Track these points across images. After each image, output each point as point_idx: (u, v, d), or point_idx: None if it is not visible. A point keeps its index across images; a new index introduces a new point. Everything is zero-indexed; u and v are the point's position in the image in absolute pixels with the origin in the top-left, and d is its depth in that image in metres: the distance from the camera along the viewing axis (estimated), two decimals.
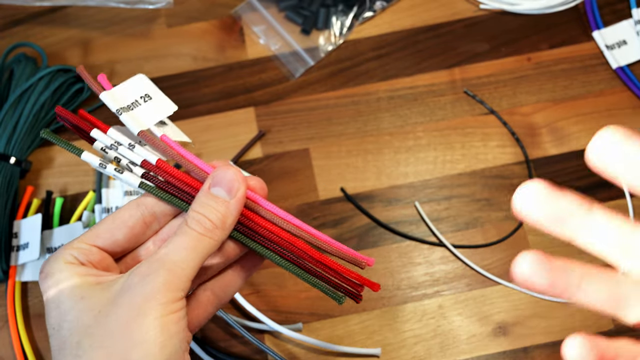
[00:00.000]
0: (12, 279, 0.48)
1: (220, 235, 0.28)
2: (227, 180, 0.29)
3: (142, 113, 0.31)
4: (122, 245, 0.30)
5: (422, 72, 0.55)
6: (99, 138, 0.30)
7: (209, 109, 0.54)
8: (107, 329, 0.26)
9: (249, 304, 0.46)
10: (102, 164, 0.30)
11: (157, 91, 0.32)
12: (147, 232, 0.31)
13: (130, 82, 0.32)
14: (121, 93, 0.31)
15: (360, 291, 0.31)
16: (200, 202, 0.28)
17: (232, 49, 0.57)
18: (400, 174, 0.52)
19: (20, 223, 0.49)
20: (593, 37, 0.56)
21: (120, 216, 0.30)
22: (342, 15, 0.57)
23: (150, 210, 0.30)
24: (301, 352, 0.46)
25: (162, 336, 0.26)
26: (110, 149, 0.30)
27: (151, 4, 0.56)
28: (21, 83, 0.52)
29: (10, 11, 0.58)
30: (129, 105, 0.31)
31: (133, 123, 0.30)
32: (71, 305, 0.27)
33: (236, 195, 0.29)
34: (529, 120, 0.53)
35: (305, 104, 0.54)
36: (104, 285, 0.27)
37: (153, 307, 0.26)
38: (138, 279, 0.27)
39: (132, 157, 0.30)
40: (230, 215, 0.29)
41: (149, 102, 0.31)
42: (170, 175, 0.30)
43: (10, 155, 0.50)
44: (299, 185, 0.51)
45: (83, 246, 0.29)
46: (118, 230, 0.30)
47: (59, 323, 0.27)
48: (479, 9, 0.57)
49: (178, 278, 0.27)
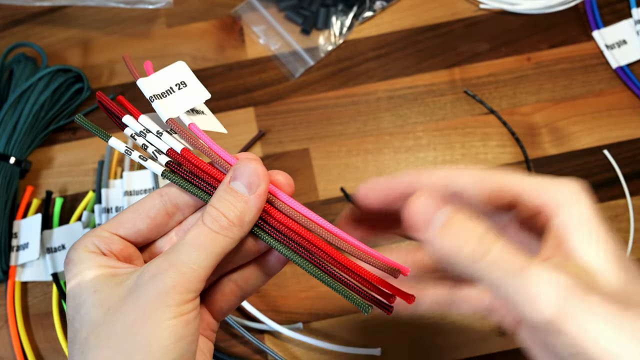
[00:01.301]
0: (11, 279, 0.48)
1: (237, 233, 0.27)
2: (247, 174, 0.27)
3: (175, 101, 0.30)
4: (144, 235, 0.29)
5: (422, 72, 0.55)
6: (129, 124, 0.30)
7: (209, 109, 0.54)
8: (114, 329, 0.25)
9: (249, 304, 0.46)
10: (128, 149, 0.29)
11: (193, 79, 0.31)
12: (170, 222, 0.30)
13: (169, 69, 0.31)
14: (158, 80, 0.31)
15: (391, 302, 0.28)
16: (218, 197, 0.27)
17: (232, 49, 0.57)
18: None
19: (20, 223, 0.49)
20: (593, 37, 0.56)
21: (143, 205, 0.29)
22: (342, 15, 0.57)
23: (172, 200, 0.29)
24: (301, 352, 0.46)
25: (169, 340, 0.25)
26: (139, 135, 0.30)
27: (151, 4, 0.56)
28: (21, 83, 0.52)
29: (10, 11, 0.58)
30: (162, 93, 0.30)
31: (164, 110, 0.30)
32: (85, 299, 0.26)
33: (256, 191, 0.27)
34: (528, 120, 0.53)
35: (305, 104, 0.54)
36: (118, 279, 0.27)
37: (160, 310, 0.25)
38: (148, 278, 0.26)
39: (159, 144, 0.29)
40: (249, 212, 0.27)
41: (184, 89, 0.31)
42: (194, 166, 0.29)
43: (10, 155, 0.50)
44: (299, 185, 0.51)
45: (105, 234, 0.28)
46: (140, 220, 0.29)
47: (73, 315, 0.27)
48: (479, 9, 0.57)
49: (188, 279, 0.26)
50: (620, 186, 0.50)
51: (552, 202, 0.24)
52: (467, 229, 0.23)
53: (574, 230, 0.24)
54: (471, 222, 0.23)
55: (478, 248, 0.23)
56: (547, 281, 0.22)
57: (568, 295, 0.21)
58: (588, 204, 0.24)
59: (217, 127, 0.32)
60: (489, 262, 0.22)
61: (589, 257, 0.23)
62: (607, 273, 0.23)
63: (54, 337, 0.47)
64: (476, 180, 0.26)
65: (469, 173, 0.27)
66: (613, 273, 0.23)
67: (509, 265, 0.22)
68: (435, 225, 0.23)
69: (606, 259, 0.23)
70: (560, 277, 0.22)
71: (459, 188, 0.27)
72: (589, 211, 0.24)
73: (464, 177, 0.27)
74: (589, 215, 0.24)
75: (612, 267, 0.23)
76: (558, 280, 0.22)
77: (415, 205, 0.24)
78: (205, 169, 0.29)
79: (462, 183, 0.27)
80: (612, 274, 0.23)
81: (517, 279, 0.22)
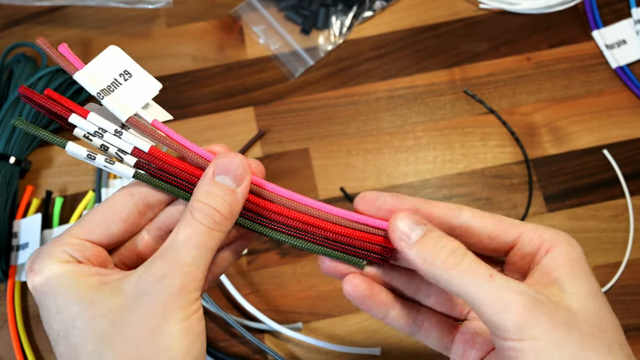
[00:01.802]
0: (11, 279, 0.48)
1: (228, 225, 0.27)
2: (233, 168, 0.27)
3: (125, 94, 0.28)
4: (116, 238, 0.28)
5: (422, 71, 0.55)
6: (79, 124, 0.27)
7: (209, 109, 0.54)
8: (129, 337, 0.25)
9: (248, 304, 0.46)
10: (91, 154, 0.27)
11: (135, 66, 0.29)
12: (141, 221, 0.29)
13: (103, 56, 0.28)
14: (97, 71, 0.28)
15: (387, 254, 0.29)
16: (206, 192, 0.27)
17: (232, 48, 0.57)
18: (400, 173, 0.52)
19: (20, 223, 0.49)
20: (593, 37, 0.56)
21: (113, 207, 0.28)
22: (341, 15, 0.57)
23: (144, 199, 0.28)
24: (301, 351, 0.46)
25: (187, 340, 0.25)
26: (94, 136, 0.28)
27: (151, 3, 0.56)
28: (21, 82, 0.52)
29: (10, 11, 0.58)
30: (109, 87, 0.28)
31: (119, 108, 0.27)
32: (79, 312, 0.25)
33: (243, 183, 0.28)
34: (528, 119, 0.53)
35: (305, 104, 0.54)
36: (111, 286, 0.26)
37: (174, 312, 0.25)
38: (152, 282, 0.25)
39: (120, 145, 0.28)
40: (237, 204, 0.27)
41: (130, 80, 0.28)
42: (166, 163, 0.28)
43: (9, 155, 0.50)
44: (298, 184, 0.51)
45: (76, 242, 0.27)
46: (112, 223, 0.28)
47: (66, 329, 0.25)
48: (479, 9, 0.57)
49: (193, 279, 0.26)
50: (619, 186, 0.51)
51: (547, 242, 0.27)
52: (441, 242, 0.26)
53: (561, 265, 0.26)
54: (445, 238, 0.26)
55: (450, 258, 0.25)
56: (515, 289, 0.24)
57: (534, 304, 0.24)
58: (579, 249, 0.27)
59: (165, 115, 0.30)
60: (460, 271, 0.25)
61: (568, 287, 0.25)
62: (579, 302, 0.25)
63: None
64: (482, 216, 0.28)
65: (472, 209, 0.29)
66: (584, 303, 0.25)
67: (479, 274, 0.25)
68: (412, 237, 0.26)
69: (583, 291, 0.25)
70: (526, 288, 0.24)
71: (465, 221, 0.28)
72: (579, 254, 0.26)
73: (470, 211, 0.29)
74: (579, 255, 0.26)
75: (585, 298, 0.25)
76: (525, 290, 0.24)
77: (397, 220, 0.27)
78: (178, 165, 0.28)
79: (468, 217, 0.28)
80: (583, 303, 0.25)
81: (486, 284, 0.24)
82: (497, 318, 0.24)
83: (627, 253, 0.48)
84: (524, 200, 0.50)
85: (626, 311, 0.47)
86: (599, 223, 0.49)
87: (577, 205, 0.50)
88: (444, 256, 0.25)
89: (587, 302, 0.25)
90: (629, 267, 0.48)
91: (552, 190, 0.51)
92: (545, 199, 0.50)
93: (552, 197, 0.50)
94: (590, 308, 0.25)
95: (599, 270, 0.48)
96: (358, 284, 0.29)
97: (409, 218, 0.27)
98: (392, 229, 0.27)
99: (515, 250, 0.28)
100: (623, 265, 0.48)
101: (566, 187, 0.51)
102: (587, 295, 0.25)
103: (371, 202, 0.29)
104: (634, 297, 0.47)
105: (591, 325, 0.24)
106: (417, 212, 0.28)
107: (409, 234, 0.27)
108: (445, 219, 0.28)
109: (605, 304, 0.26)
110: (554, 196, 0.50)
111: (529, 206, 0.50)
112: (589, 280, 0.26)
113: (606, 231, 0.49)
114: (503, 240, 0.28)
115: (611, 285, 0.47)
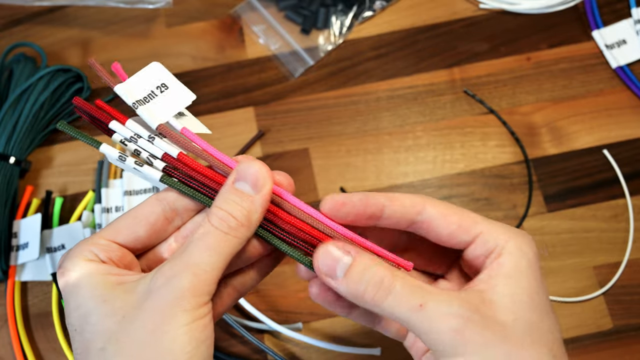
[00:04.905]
0: (11, 279, 0.48)
1: (245, 233, 0.27)
2: (251, 174, 0.27)
3: (160, 105, 0.30)
4: (143, 242, 0.29)
5: (422, 71, 0.55)
6: (117, 130, 0.29)
7: (209, 109, 0.54)
8: (133, 336, 0.25)
9: (248, 304, 0.46)
10: (122, 156, 0.29)
11: (174, 80, 0.31)
12: (169, 228, 0.29)
13: (145, 71, 0.30)
14: (137, 84, 0.30)
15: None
16: (224, 198, 0.27)
17: (232, 48, 0.57)
18: (399, 173, 0.52)
19: (19, 223, 0.49)
20: (593, 37, 0.56)
21: (141, 211, 0.29)
22: (341, 14, 0.57)
23: (171, 205, 0.29)
24: (301, 351, 0.46)
25: (190, 345, 0.25)
26: (129, 141, 0.29)
27: (151, 3, 0.56)
28: (21, 83, 0.52)
29: (10, 11, 0.58)
30: (145, 98, 0.30)
31: (150, 116, 0.29)
32: (93, 308, 0.26)
33: (262, 191, 0.27)
34: (528, 119, 0.53)
35: (305, 104, 0.54)
36: (127, 286, 0.26)
37: (179, 314, 0.25)
38: (162, 282, 0.25)
39: (152, 150, 0.29)
40: (255, 211, 0.27)
41: (166, 92, 0.30)
42: (193, 170, 0.29)
43: (9, 155, 0.50)
44: (298, 184, 0.51)
45: (102, 242, 0.28)
46: (139, 226, 0.28)
47: (81, 325, 0.26)
48: (479, 9, 0.57)
49: (203, 282, 0.26)
50: (619, 186, 0.51)
51: (500, 247, 0.27)
52: (366, 275, 0.26)
53: (504, 274, 0.26)
54: (372, 267, 0.26)
55: (379, 293, 0.26)
56: (446, 313, 0.25)
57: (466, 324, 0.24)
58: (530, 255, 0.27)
59: (202, 128, 0.31)
60: (390, 302, 0.26)
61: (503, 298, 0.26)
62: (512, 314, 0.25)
63: (53, 336, 0.47)
64: (447, 213, 0.28)
65: (439, 204, 0.29)
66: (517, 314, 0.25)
67: (410, 303, 0.25)
68: (338, 273, 0.26)
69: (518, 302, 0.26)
70: (457, 309, 0.25)
71: (427, 217, 0.28)
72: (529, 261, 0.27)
73: (435, 207, 0.28)
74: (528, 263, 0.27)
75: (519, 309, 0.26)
76: (457, 312, 0.25)
77: (320, 255, 0.27)
78: (204, 172, 0.29)
79: (432, 213, 0.28)
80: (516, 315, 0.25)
81: (418, 313, 0.25)
82: (431, 341, 0.25)
83: (627, 253, 0.48)
84: (523, 200, 0.50)
85: (626, 311, 0.47)
86: (598, 223, 0.49)
87: (577, 205, 0.50)
88: (371, 291, 0.26)
89: (520, 313, 0.25)
90: (628, 267, 0.48)
91: (552, 190, 0.51)
92: (545, 199, 0.50)
93: (552, 197, 0.50)
94: (523, 319, 0.25)
95: (598, 270, 0.48)
96: (324, 290, 0.30)
97: (329, 254, 0.27)
98: (317, 268, 0.27)
99: (469, 250, 0.28)
100: (623, 265, 0.48)
101: (566, 187, 0.51)
102: (521, 306, 0.26)
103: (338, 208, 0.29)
104: (633, 297, 0.47)
105: (521, 337, 0.25)
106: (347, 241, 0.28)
107: (334, 272, 0.27)
108: (408, 216, 0.29)
109: (543, 314, 0.26)
110: (553, 196, 0.50)
111: (529, 206, 0.50)
112: (530, 289, 0.26)
113: (606, 231, 0.49)
114: (461, 239, 0.28)
115: (611, 285, 0.47)
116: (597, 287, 0.47)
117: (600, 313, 0.47)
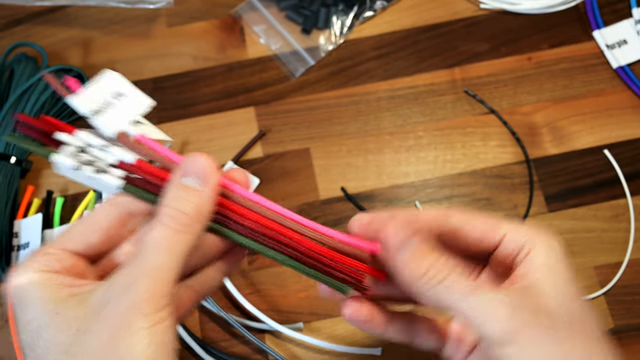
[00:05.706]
0: None
1: (197, 228, 0.27)
2: (197, 168, 0.27)
3: (116, 113, 0.29)
4: (97, 248, 0.28)
5: (423, 71, 0.55)
6: (66, 140, 0.28)
7: (210, 109, 0.54)
8: (90, 347, 0.24)
9: (249, 304, 0.46)
10: (78, 166, 0.28)
11: (131, 88, 0.30)
12: (124, 232, 0.28)
13: (100, 81, 0.30)
14: (91, 94, 0.29)
15: (362, 279, 0.28)
16: (172, 195, 0.26)
17: (233, 48, 0.57)
18: (400, 173, 0.52)
19: (20, 223, 0.49)
20: (593, 37, 0.56)
21: (95, 218, 0.28)
22: (342, 14, 0.57)
23: (126, 209, 0.28)
24: (302, 351, 0.46)
25: (149, 349, 0.24)
26: (82, 152, 0.29)
27: (151, 3, 0.56)
28: (22, 83, 0.52)
29: (10, 11, 0.58)
30: (100, 107, 0.29)
31: (106, 126, 0.29)
32: (46, 323, 0.25)
33: (209, 183, 0.27)
34: (529, 119, 0.53)
35: (306, 104, 0.54)
36: (80, 297, 0.25)
37: (137, 319, 0.24)
38: (117, 289, 0.25)
39: (106, 158, 0.29)
40: (205, 204, 0.27)
41: (123, 100, 0.30)
42: (152, 175, 0.28)
43: (10, 155, 0.50)
44: (299, 184, 0.51)
45: (52, 251, 0.27)
46: (92, 233, 0.27)
47: (34, 341, 0.25)
48: (479, 9, 0.57)
49: (161, 283, 0.25)
50: (620, 186, 0.51)
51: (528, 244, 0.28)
52: (430, 258, 0.27)
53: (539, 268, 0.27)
54: (434, 252, 0.27)
55: (438, 274, 0.27)
56: (498, 300, 0.25)
57: (517, 312, 0.25)
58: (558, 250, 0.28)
59: (161, 135, 0.31)
60: (447, 285, 0.26)
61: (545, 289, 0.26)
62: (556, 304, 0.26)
63: None
64: (467, 220, 0.29)
65: (460, 213, 0.30)
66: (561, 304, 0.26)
67: (465, 288, 0.26)
68: (404, 252, 0.27)
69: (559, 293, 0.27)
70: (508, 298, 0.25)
71: (452, 227, 0.29)
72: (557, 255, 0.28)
73: (456, 216, 0.30)
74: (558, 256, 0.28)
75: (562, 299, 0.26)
76: (507, 300, 0.25)
77: (390, 231, 0.28)
78: (160, 175, 0.28)
79: (455, 223, 0.29)
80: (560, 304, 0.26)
81: (472, 297, 0.26)
82: (484, 328, 0.25)
83: (628, 253, 0.48)
84: (524, 200, 0.50)
85: (627, 311, 0.47)
86: (599, 223, 0.49)
87: (577, 205, 0.50)
88: (432, 272, 0.27)
89: (563, 301, 0.26)
90: (629, 267, 0.48)
91: (553, 190, 0.51)
92: (546, 199, 0.50)
93: (553, 197, 0.50)
94: (567, 307, 0.26)
95: (599, 271, 0.48)
96: (358, 309, 0.30)
97: (402, 229, 0.28)
98: (386, 239, 0.28)
99: (498, 251, 0.29)
100: (624, 265, 0.48)
101: (567, 187, 0.51)
102: (564, 295, 0.26)
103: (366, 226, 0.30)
104: (634, 297, 0.47)
105: (569, 325, 0.25)
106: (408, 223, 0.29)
107: (401, 248, 0.27)
108: (435, 226, 0.29)
109: (582, 304, 0.27)
110: (554, 196, 0.50)
111: (530, 206, 0.50)
112: (567, 279, 0.27)
113: (607, 231, 0.49)
114: (489, 243, 0.29)
115: (612, 285, 0.47)
116: (598, 287, 0.47)
117: (601, 313, 0.47)
